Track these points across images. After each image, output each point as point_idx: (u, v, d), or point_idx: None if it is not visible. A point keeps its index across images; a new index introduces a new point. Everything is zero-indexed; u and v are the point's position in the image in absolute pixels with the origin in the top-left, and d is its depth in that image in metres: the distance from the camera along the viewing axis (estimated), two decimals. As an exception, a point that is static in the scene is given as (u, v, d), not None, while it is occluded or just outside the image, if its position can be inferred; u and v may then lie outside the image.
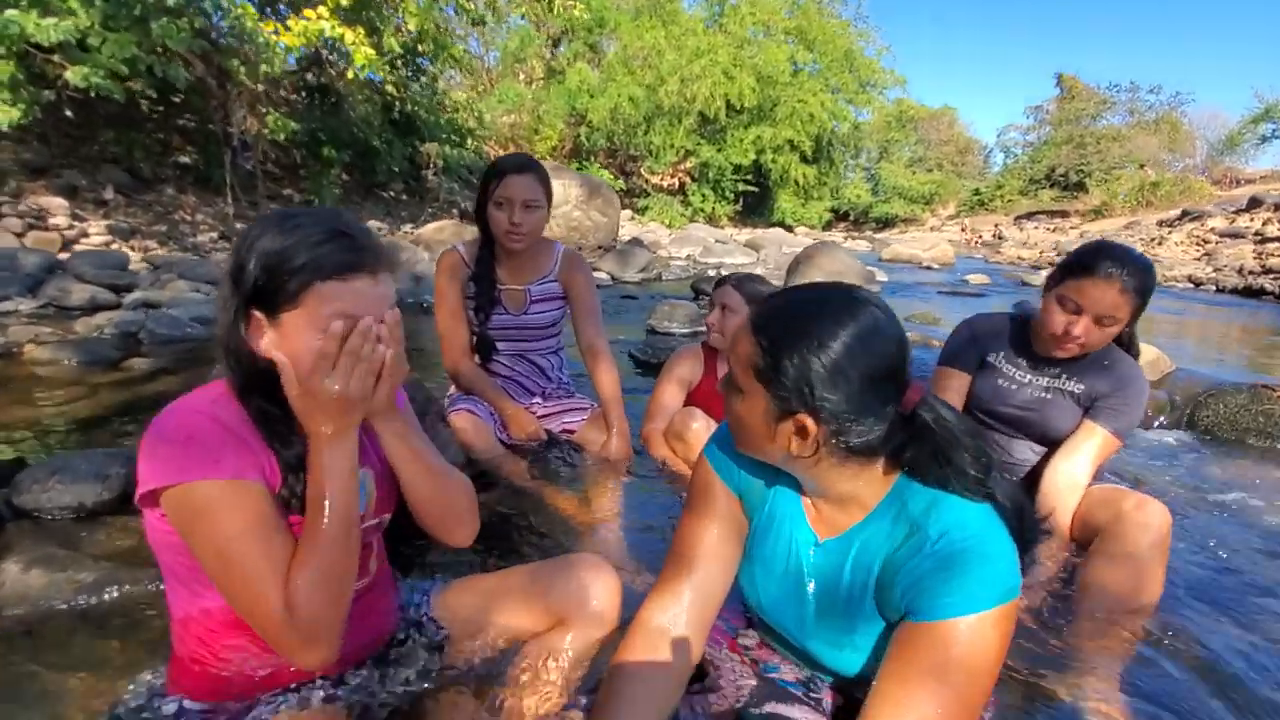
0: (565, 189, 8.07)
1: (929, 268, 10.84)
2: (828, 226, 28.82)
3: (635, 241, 10.63)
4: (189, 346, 3.42)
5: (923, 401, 0.85)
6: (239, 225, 8.55)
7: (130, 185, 7.96)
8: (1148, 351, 3.25)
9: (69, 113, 6.96)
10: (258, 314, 0.85)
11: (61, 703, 1.05)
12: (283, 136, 8.59)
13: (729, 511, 1.05)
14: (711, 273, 8.45)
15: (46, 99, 5.86)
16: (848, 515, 0.94)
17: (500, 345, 2.12)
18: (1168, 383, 3.06)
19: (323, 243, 0.84)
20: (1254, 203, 13.31)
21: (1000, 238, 30.15)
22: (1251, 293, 8.48)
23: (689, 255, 10.65)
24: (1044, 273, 8.57)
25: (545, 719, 1.04)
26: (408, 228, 10.53)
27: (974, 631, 0.78)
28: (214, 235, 8.11)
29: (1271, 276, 8.60)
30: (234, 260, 0.86)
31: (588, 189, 8.22)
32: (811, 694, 1.06)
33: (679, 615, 1.00)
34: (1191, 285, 9.36)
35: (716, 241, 12.68)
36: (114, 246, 6.74)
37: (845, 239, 21.96)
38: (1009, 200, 39.45)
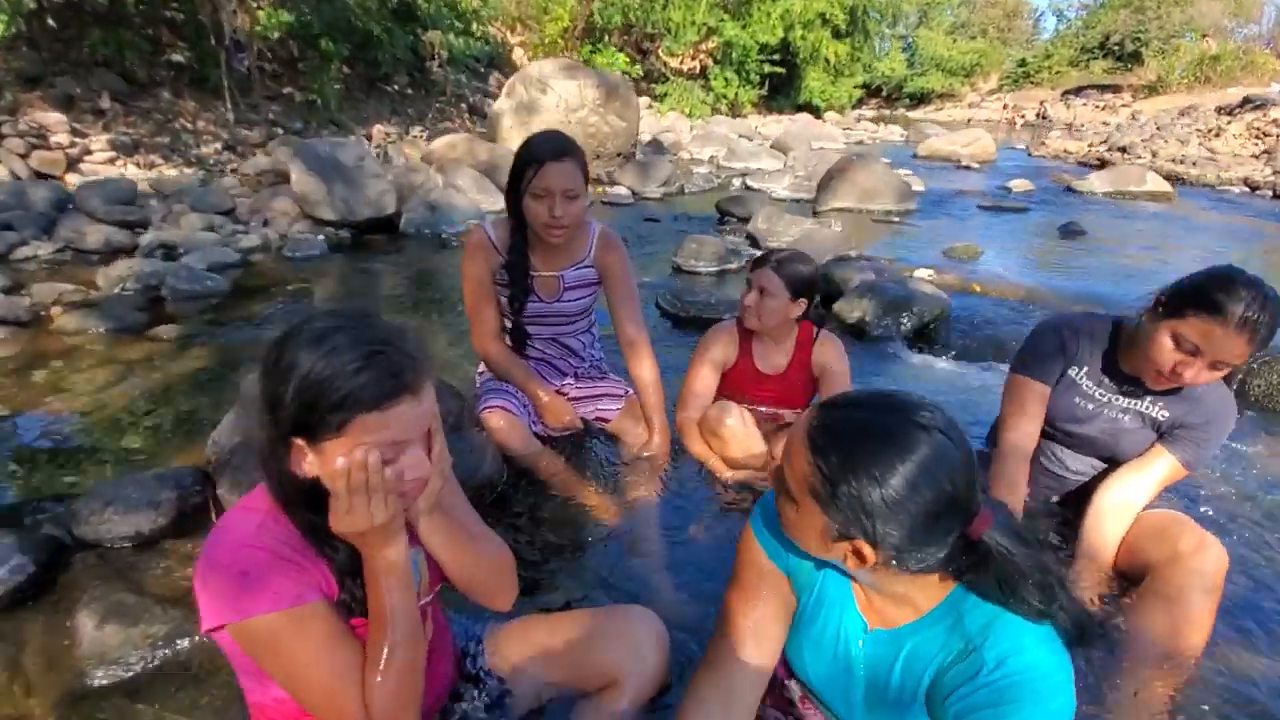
0: (581, 91, 7.53)
1: (968, 167, 10.20)
2: (858, 104, 27.03)
3: (655, 146, 10.10)
4: (211, 303, 3.39)
5: (991, 529, 0.81)
6: (242, 131, 8.22)
7: (126, 92, 7.60)
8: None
9: (52, 22, 6.55)
10: (299, 441, 0.82)
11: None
12: (275, 33, 8.01)
13: (777, 590, 1.04)
14: (736, 182, 8.05)
15: (28, 6, 5.49)
16: (900, 612, 0.93)
17: (531, 330, 2.05)
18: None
19: (361, 369, 0.79)
20: (1329, 87, 12.16)
21: (1044, 117, 28.20)
22: (1313, 198, 7.95)
23: (711, 157, 10.10)
24: (1093, 177, 8.04)
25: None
26: (416, 130, 10.06)
27: None
28: (218, 146, 7.84)
29: (1337, 181, 8.01)
30: (267, 384, 0.82)
31: (604, 90, 7.65)
32: None
33: (732, 685, 1.02)
34: (1248, 190, 8.77)
35: (740, 137, 12.00)
36: (118, 165, 6.55)
37: (877, 121, 20.69)
38: (1057, 72, 36.29)
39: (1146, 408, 1.52)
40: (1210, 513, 1.96)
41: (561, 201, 1.76)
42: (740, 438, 1.95)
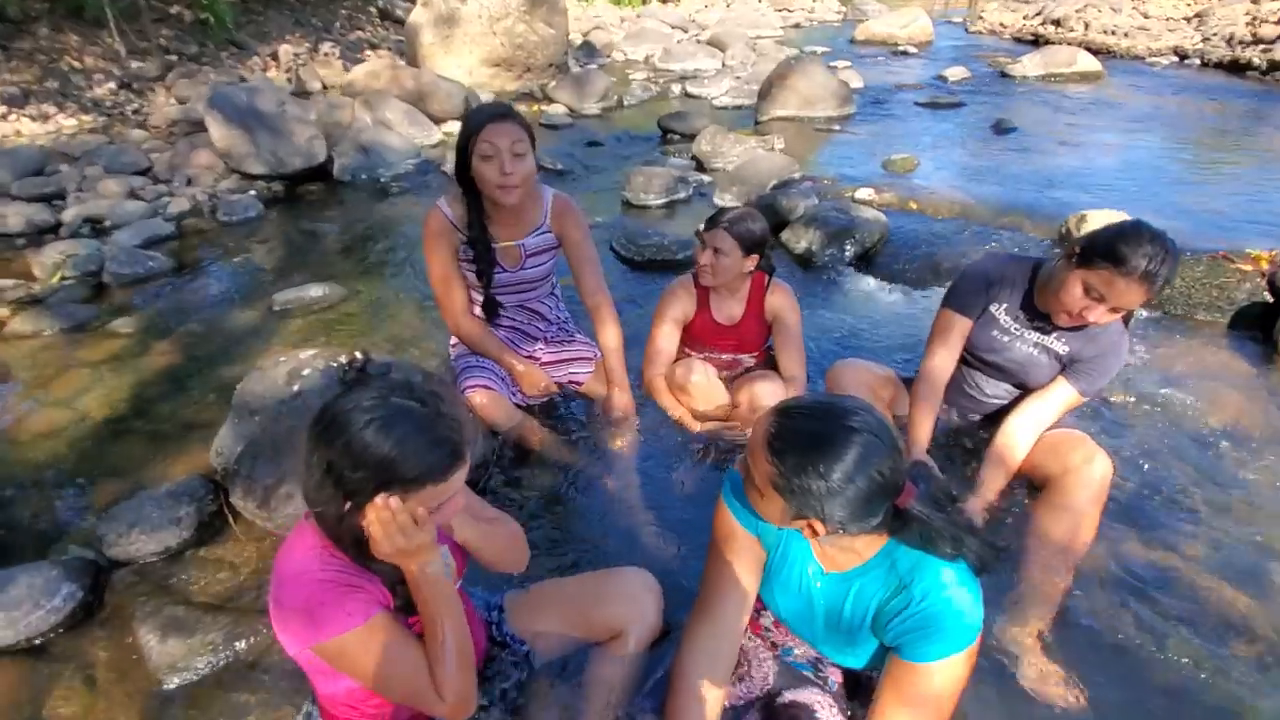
0: (504, -4, 7.05)
1: (905, 52, 10.08)
2: None
3: (587, 50, 9.60)
4: (158, 286, 3.32)
5: (912, 500, 1.05)
6: (135, 64, 7.49)
7: (3, 33, 6.80)
8: (1117, 219, 3.35)
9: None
10: (359, 500, 0.97)
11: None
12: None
13: (750, 549, 1.28)
14: (675, 88, 7.82)
15: None
16: (847, 559, 1.18)
17: (499, 299, 2.15)
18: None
19: (431, 449, 0.96)
20: (1257, -61, 12.14)
21: None
22: (1238, 67, 8.17)
23: (647, 58, 9.68)
24: (1025, 59, 8.10)
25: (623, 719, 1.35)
26: (327, 47, 9.26)
27: (949, 668, 1.07)
28: (112, 86, 7.17)
29: (1261, 48, 8.22)
30: (334, 459, 0.95)
31: (530, -5, 7.18)
32: (820, 673, 1.39)
33: (720, 631, 1.28)
34: (1177, 59, 8.97)
35: (675, 29, 11.46)
36: (11, 120, 6.01)
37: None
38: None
39: (1051, 343, 1.76)
40: (1112, 415, 2.29)
41: (511, 160, 1.81)
42: (705, 391, 2.15)
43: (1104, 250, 1.49)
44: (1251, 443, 2.16)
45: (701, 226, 2.12)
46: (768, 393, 2.05)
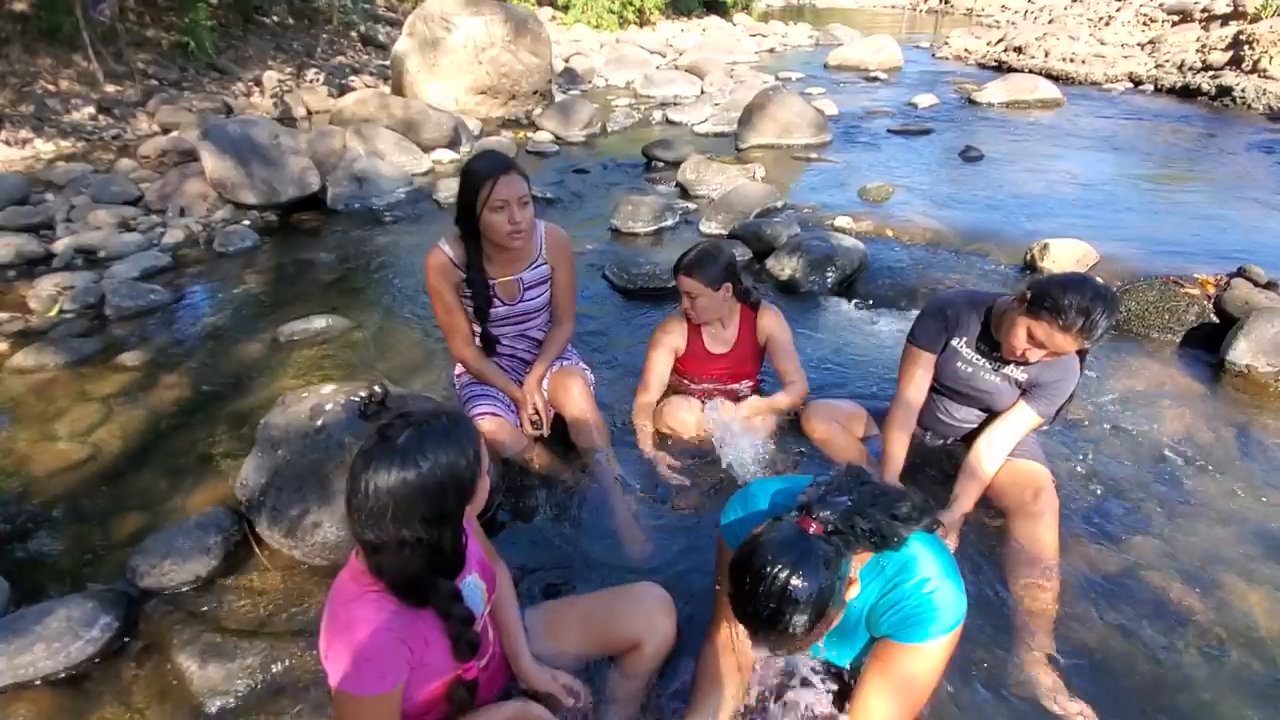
0: (488, 28, 7.21)
1: (876, 78, 10.47)
2: None
3: (570, 76, 9.83)
4: (160, 319, 3.37)
5: (813, 526, 1.13)
6: (112, 89, 7.50)
7: (-27, 57, 6.77)
8: (1076, 247, 3.59)
9: None
10: None
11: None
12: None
13: None
14: (657, 114, 8.05)
15: None
16: (850, 593, 1.31)
17: (500, 331, 2.28)
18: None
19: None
20: (1204, -29, 12.88)
21: (947, 1, 29.06)
22: (1189, 93, 8.65)
23: (628, 84, 9.94)
24: (990, 86, 8.48)
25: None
26: (312, 74, 9.33)
27: (934, 650, 1.21)
28: (90, 111, 7.17)
29: (1210, 74, 8.71)
30: (423, 500, 1.05)
31: (513, 26, 7.34)
32: (815, 672, 1.52)
33: (731, 659, 1.41)
34: (1132, 85, 9.44)
35: (654, 55, 11.75)
36: (-9, 149, 5.98)
37: (786, 20, 20.40)
38: (956, -55, 36.56)
39: (1011, 371, 1.94)
40: (1074, 429, 2.47)
41: (518, 208, 1.98)
42: (692, 427, 2.32)
43: (1049, 304, 1.67)
44: (1202, 452, 2.37)
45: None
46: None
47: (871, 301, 3.45)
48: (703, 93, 9.10)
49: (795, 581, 1.05)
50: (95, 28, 7.36)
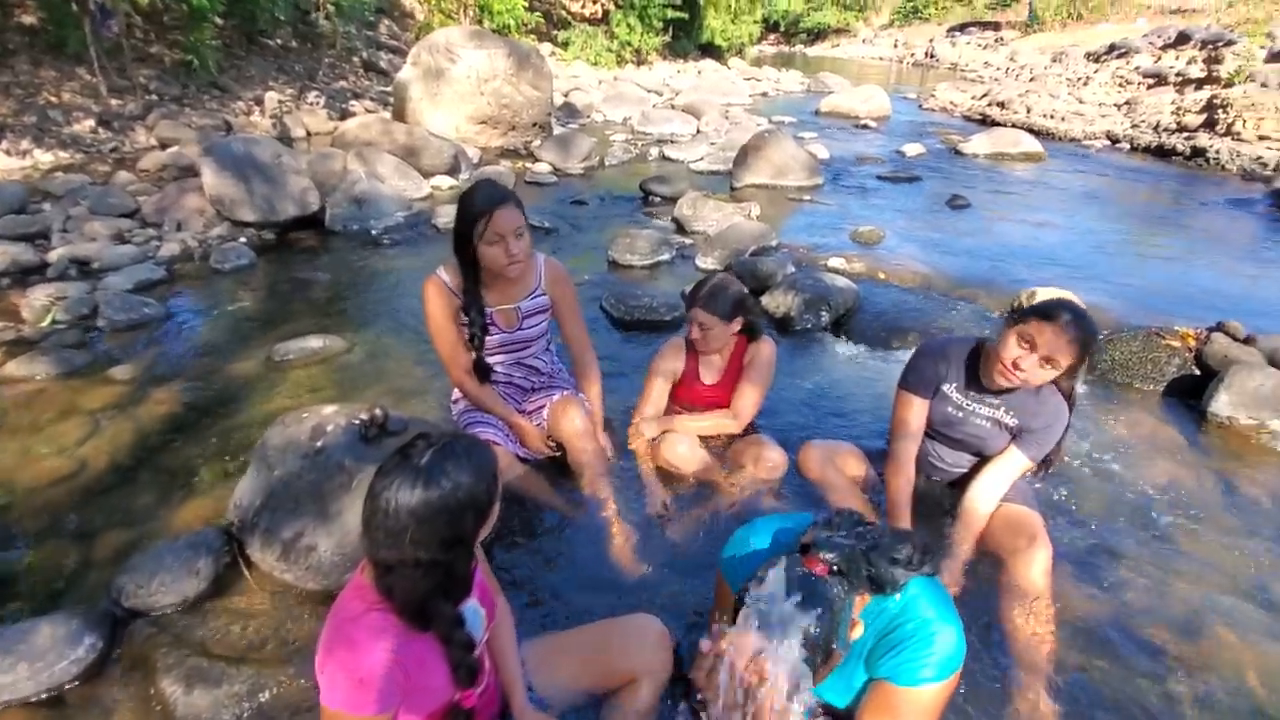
0: (491, 60, 7.37)
1: (866, 125, 10.80)
2: (758, 40, 27.94)
3: (569, 110, 10.03)
4: (152, 333, 3.34)
5: (826, 570, 1.16)
6: (115, 103, 7.53)
7: (-22, 67, 6.79)
8: (1056, 294, 3.69)
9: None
10: None
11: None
12: (141, -4, 7.27)
13: None
14: (654, 151, 8.21)
15: None
16: (854, 635, 1.32)
17: (498, 358, 2.30)
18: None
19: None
20: (1182, 38, 13.61)
21: (932, 55, 30.20)
22: (1163, 152, 8.99)
23: (626, 120, 10.15)
24: (975, 139, 8.78)
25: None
26: (313, 96, 9.44)
27: (932, 694, 1.22)
28: (91, 124, 7.19)
29: (1184, 135, 9.09)
30: (447, 521, 1.06)
31: (515, 60, 7.52)
32: (812, 714, 1.51)
33: None
34: (1109, 143, 9.81)
35: (651, 93, 12.04)
36: (-12, 158, 5.95)
37: (778, 66, 21.07)
38: (943, 8, 38.33)
39: (1001, 415, 1.98)
40: (1063, 475, 2.51)
41: (514, 240, 2.02)
42: (690, 461, 2.34)
43: (1036, 307, 1.81)
44: (1189, 502, 2.42)
45: (685, 302, 2.32)
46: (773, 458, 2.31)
47: (864, 341, 3.51)
48: (699, 132, 9.32)
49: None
50: (102, 43, 7.41)
